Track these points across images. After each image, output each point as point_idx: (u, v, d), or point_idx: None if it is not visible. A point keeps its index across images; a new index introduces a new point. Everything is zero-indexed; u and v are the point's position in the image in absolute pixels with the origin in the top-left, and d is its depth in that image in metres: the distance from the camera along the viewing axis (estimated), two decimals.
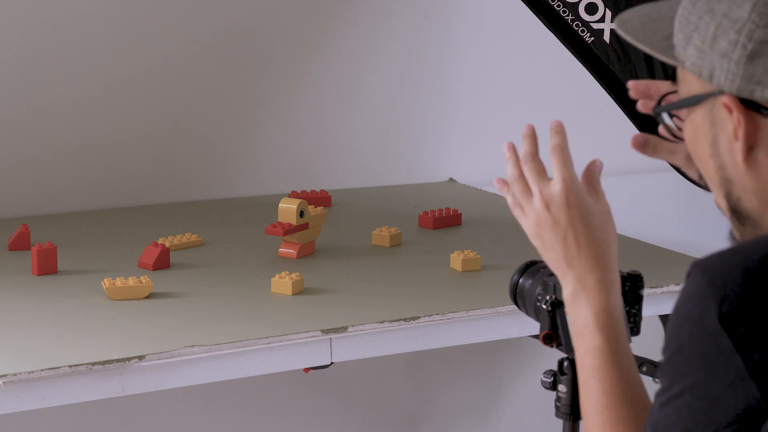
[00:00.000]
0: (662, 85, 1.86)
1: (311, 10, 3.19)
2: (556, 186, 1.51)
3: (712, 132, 1.38)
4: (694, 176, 1.89)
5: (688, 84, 1.40)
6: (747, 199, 1.38)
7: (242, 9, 3.12)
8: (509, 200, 1.56)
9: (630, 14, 1.47)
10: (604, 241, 1.51)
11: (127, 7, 2.98)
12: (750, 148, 1.35)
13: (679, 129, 1.50)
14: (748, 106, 1.34)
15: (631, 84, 1.83)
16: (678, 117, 1.50)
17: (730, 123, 1.35)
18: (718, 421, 1.26)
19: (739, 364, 1.25)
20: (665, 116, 1.47)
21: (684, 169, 1.90)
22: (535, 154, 1.54)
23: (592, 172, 1.55)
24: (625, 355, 1.47)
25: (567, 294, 1.51)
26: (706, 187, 1.90)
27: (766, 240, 1.31)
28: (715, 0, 1.36)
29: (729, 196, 1.39)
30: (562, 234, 1.50)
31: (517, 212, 1.55)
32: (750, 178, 1.37)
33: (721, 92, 1.35)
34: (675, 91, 1.44)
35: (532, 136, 1.55)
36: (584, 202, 1.51)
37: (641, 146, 1.87)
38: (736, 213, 1.39)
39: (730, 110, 1.35)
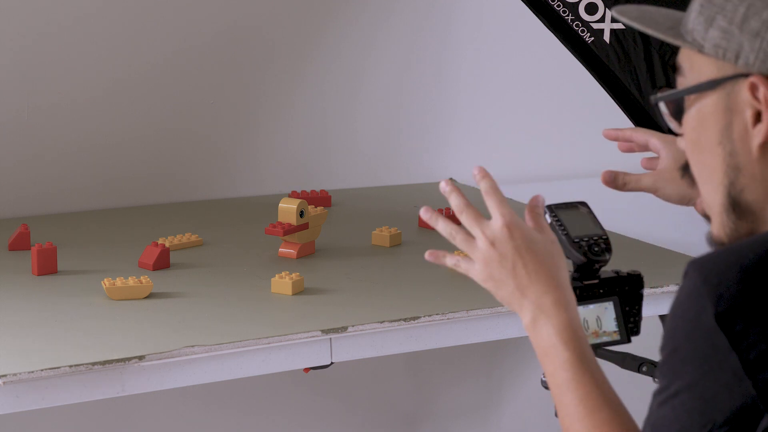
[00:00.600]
0: (626, 132, 2.00)
1: (311, 10, 3.19)
2: (496, 222, 1.54)
3: (726, 118, 1.37)
4: (664, 195, 1.94)
5: (700, 70, 1.39)
6: (752, 190, 1.37)
7: (242, 9, 3.12)
8: (449, 262, 1.59)
9: (625, 7, 1.47)
10: (553, 265, 1.53)
11: (126, 7, 2.98)
12: None
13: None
14: None
15: (603, 133, 1.95)
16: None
17: (749, 108, 1.35)
18: (714, 420, 1.26)
19: (735, 362, 1.25)
20: (662, 105, 1.46)
21: (654, 193, 1.95)
22: (467, 203, 1.57)
23: (534, 207, 1.59)
24: (594, 365, 1.49)
25: (526, 322, 1.53)
26: (680, 203, 1.95)
27: (762, 239, 1.31)
28: None
29: (732, 186, 1.38)
30: (510, 266, 1.53)
31: (463, 266, 1.58)
32: (761, 165, 1.36)
33: (744, 75, 1.34)
34: (669, 87, 1.44)
35: (455, 190, 1.58)
36: (527, 232, 1.54)
37: (610, 182, 1.97)
38: (737, 206, 1.39)
39: (755, 92, 1.34)
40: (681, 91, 1.42)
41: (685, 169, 1.48)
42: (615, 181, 1.98)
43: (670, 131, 1.50)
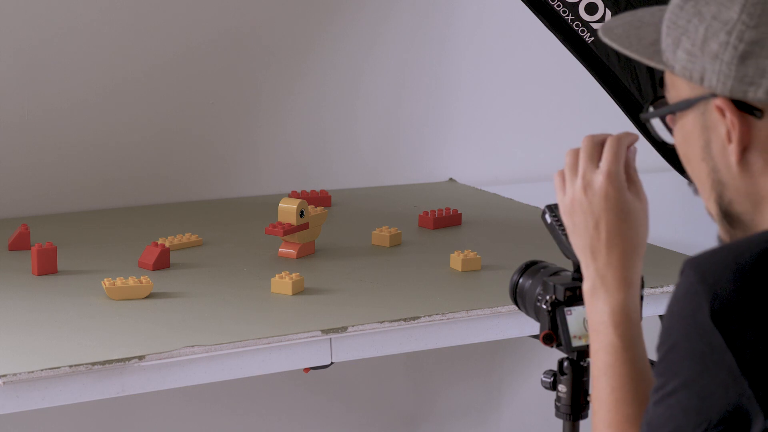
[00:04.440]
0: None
1: (311, 10, 3.19)
2: (599, 176, 1.50)
3: (705, 136, 1.38)
4: None
5: (678, 89, 1.40)
6: (739, 202, 1.38)
7: (242, 9, 3.12)
8: (556, 177, 1.54)
9: (613, 22, 1.47)
10: (632, 239, 1.50)
11: (127, 8, 2.98)
12: (744, 150, 1.35)
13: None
14: (741, 108, 1.33)
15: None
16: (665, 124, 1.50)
17: (722, 126, 1.35)
18: (709, 419, 1.26)
19: (731, 361, 1.25)
20: (654, 122, 1.46)
21: None
22: (600, 141, 1.51)
23: (630, 160, 1.53)
24: (639, 354, 1.47)
25: (586, 287, 1.51)
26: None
27: (759, 238, 1.31)
28: (703, 3, 1.35)
29: (721, 200, 1.39)
30: (593, 222, 1.50)
31: (557, 181, 1.53)
32: (743, 180, 1.37)
33: (712, 95, 1.35)
34: (662, 97, 1.44)
35: (620, 140, 1.51)
36: (623, 197, 1.49)
37: None
38: (728, 216, 1.39)
39: (722, 113, 1.34)
40: (661, 109, 1.42)
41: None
42: None
43: (662, 143, 1.50)
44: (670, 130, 1.45)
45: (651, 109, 1.46)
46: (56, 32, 2.92)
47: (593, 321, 1.50)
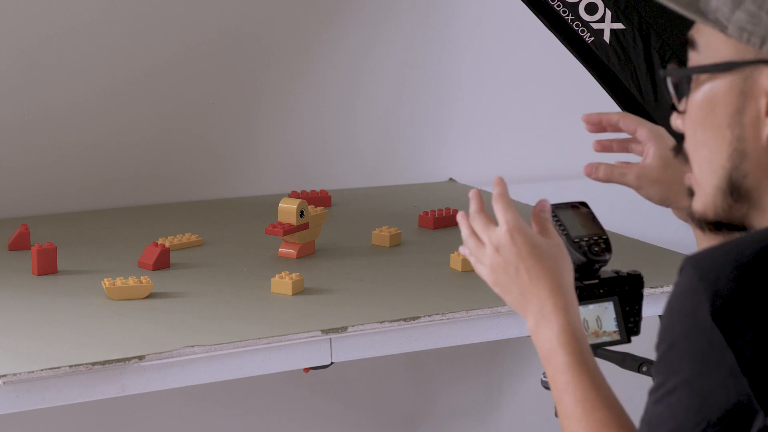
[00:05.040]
0: (612, 116, 1.91)
1: (311, 10, 3.19)
2: (501, 228, 1.57)
3: (739, 102, 1.34)
4: (647, 195, 1.91)
5: (716, 50, 1.36)
6: (755, 177, 1.35)
7: (242, 9, 3.12)
8: (472, 261, 1.63)
9: None
10: (556, 269, 1.54)
11: (127, 8, 2.98)
12: None
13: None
14: None
15: (583, 118, 1.89)
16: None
17: (765, 96, 1.32)
18: (709, 417, 1.26)
19: (731, 360, 1.25)
20: (669, 82, 1.42)
21: (637, 191, 1.91)
22: (480, 209, 1.61)
23: (540, 212, 1.60)
24: (593, 367, 1.49)
25: (530, 326, 1.54)
26: (661, 204, 1.92)
27: (759, 236, 1.30)
28: None
29: (736, 171, 1.36)
30: (513, 271, 1.55)
31: (478, 269, 1.61)
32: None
33: (767, 62, 1.31)
34: (677, 63, 1.41)
35: (475, 197, 1.63)
36: (530, 237, 1.56)
37: (592, 173, 1.92)
38: (735, 191, 1.37)
39: None
40: (695, 68, 1.38)
41: (678, 149, 1.46)
42: (597, 171, 1.93)
43: (673, 107, 1.46)
44: (683, 94, 1.41)
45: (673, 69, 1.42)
46: (56, 32, 2.92)
47: (543, 352, 1.52)
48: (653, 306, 2.34)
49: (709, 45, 1.37)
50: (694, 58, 1.39)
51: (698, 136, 1.39)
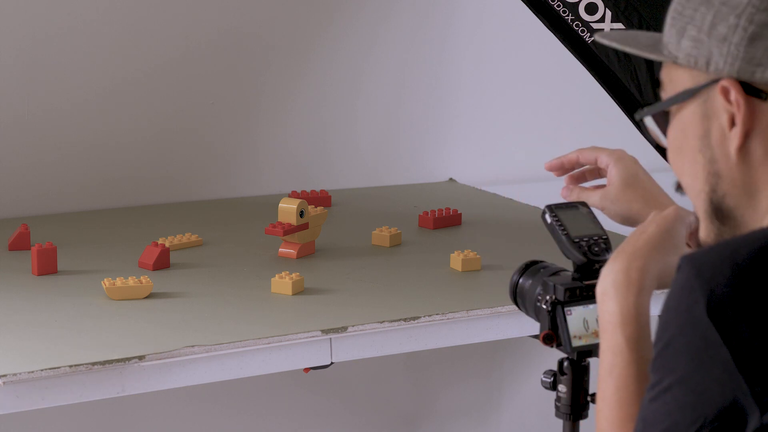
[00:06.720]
0: (571, 156, 1.95)
1: (311, 10, 3.19)
2: (671, 208, 1.60)
3: (704, 125, 1.40)
4: (609, 214, 1.94)
5: (677, 83, 1.42)
6: (733, 195, 1.39)
7: (242, 9, 3.12)
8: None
9: (609, 32, 1.52)
10: (664, 258, 1.53)
11: (126, 9, 2.98)
12: (746, 135, 1.36)
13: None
14: (747, 91, 1.35)
15: (546, 167, 1.93)
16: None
17: (724, 112, 1.37)
18: (705, 415, 1.27)
19: (726, 357, 1.25)
20: (649, 120, 1.48)
21: (601, 211, 1.94)
22: None
23: (693, 234, 1.59)
24: (644, 356, 1.47)
25: (599, 289, 1.51)
26: (624, 223, 1.96)
27: (756, 235, 1.32)
28: None
29: (714, 193, 1.41)
30: (641, 228, 1.55)
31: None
32: (740, 170, 1.38)
33: (716, 81, 1.37)
34: (653, 103, 1.47)
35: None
36: (680, 230, 1.56)
37: (567, 195, 1.95)
38: (719, 212, 1.41)
39: (727, 96, 1.36)
40: (660, 104, 1.44)
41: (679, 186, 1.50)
42: (570, 194, 1.97)
43: (656, 147, 1.52)
44: (663, 131, 1.47)
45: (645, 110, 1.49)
46: (56, 32, 2.92)
47: (603, 321, 1.50)
48: (653, 306, 2.33)
49: (671, 80, 1.43)
50: (663, 96, 1.45)
51: (679, 165, 1.45)
